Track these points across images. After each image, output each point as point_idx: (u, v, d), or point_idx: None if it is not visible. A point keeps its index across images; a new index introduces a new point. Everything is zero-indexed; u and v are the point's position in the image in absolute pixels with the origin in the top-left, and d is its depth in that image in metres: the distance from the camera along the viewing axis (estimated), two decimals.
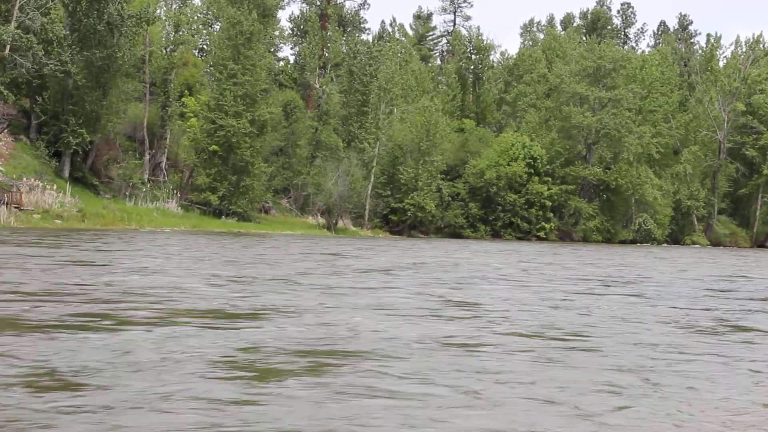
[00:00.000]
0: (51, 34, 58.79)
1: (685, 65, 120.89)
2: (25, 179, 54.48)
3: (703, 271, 35.97)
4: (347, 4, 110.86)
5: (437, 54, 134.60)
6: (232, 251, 35.24)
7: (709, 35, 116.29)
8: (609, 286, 24.04)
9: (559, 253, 50.54)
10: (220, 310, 14.74)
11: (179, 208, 68.58)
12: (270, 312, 14.52)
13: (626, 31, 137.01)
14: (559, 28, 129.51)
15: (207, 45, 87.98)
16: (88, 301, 14.86)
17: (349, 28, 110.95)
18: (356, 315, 14.55)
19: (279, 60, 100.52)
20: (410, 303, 16.92)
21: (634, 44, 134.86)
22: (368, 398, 8.41)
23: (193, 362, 9.72)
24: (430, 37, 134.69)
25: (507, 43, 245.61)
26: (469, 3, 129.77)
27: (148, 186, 70.07)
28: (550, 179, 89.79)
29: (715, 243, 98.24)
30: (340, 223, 79.31)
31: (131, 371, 9.12)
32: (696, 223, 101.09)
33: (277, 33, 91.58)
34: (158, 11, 75.83)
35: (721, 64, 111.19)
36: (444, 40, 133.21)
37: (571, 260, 40.97)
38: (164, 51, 77.19)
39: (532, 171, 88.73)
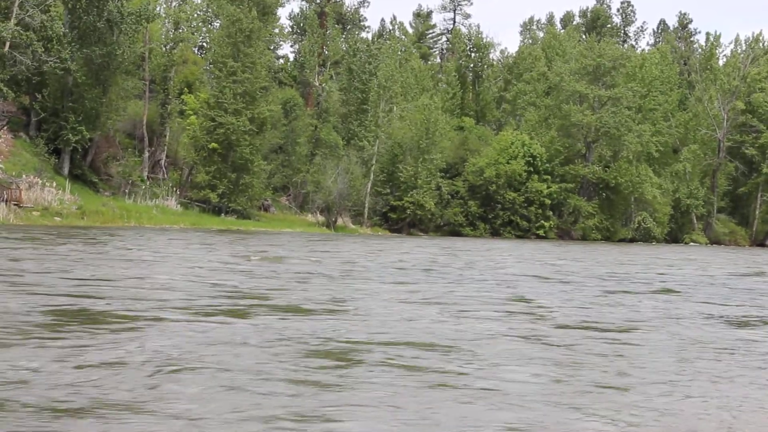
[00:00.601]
0: (51, 32, 58.74)
1: (685, 64, 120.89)
2: (24, 176, 54.49)
3: (731, 269, 36.21)
4: (347, 2, 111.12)
5: (437, 52, 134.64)
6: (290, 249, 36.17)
7: (708, 34, 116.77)
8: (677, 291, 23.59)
9: (582, 252, 50.73)
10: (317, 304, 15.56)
11: (178, 205, 68.61)
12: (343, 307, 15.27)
13: (626, 29, 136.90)
14: (558, 26, 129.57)
15: (207, 43, 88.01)
16: (200, 297, 15.69)
17: (348, 26, 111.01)
18: (431, 310, 15.05)
19: (278, 58, 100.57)
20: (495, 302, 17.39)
21: (633, 43, 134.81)
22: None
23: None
24: (430, 35, 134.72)
25: (507, 41, 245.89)
26: (469, 1, 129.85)
27: (148, 183, 70.12)
28: (549, 177, 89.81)
29: (714, 242, 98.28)
30: (340, 221, 79.37)
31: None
32: (695, 221, 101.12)
33: (276, 31, 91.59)
34: (158, 8, 75.87)
35: (720, 62, 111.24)
36: (444, 38, 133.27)
37: (599, 259, 40.96)
38: (164, 48, 77.18)
39: (532, 169, 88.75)
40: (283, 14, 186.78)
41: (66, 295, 14.76)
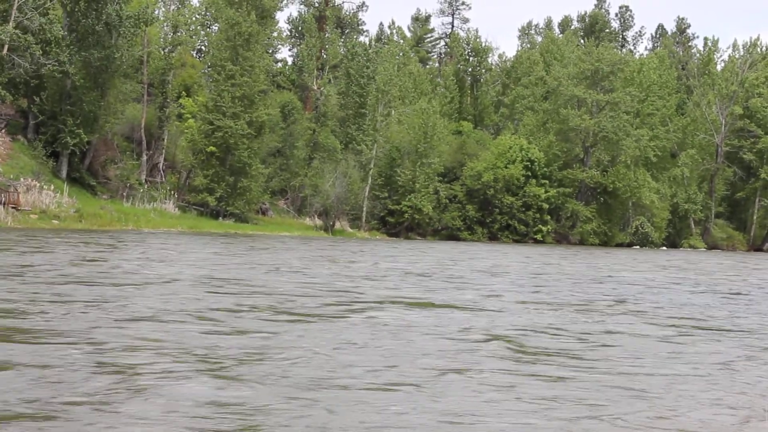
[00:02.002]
0: (49, 35, 58.72)
1: (683, 68, 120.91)
2: (22, 179, 54.40)
3: None
4: (345, 6, 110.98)
5: (435, 56, 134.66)
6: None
7: (706, 39, 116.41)
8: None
9: (624, 258, 51.04)
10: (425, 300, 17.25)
11: (176, 209, 68.57)
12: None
13: (624, 34, 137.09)
14: (557, 30, 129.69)
15: (205, 46, 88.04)
16: (305, 296, 17.02)
17: (347, 30, 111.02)
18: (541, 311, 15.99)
19: (277, 61, 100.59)
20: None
21: (632, 47, 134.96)
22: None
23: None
24: (428, 40, 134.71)
25: (505, 45, 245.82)
26: (468, 5, 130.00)
27: (146, 187, 70.04)
28: (547, 182, 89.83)
29: (712, 246, 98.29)
30: (338, 225, 79.35)
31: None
32: (693, 226, 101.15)
33: (275, 34, 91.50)
34: (157, 12, 75.79)
35: (718, 67, 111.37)
36: (442, 43, 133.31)
37: (653, 265, 41.08)
38: (162, 52, 77.14)
39: (530, 173, 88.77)
40: (282, 18, 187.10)
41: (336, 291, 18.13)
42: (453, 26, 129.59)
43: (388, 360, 10.05)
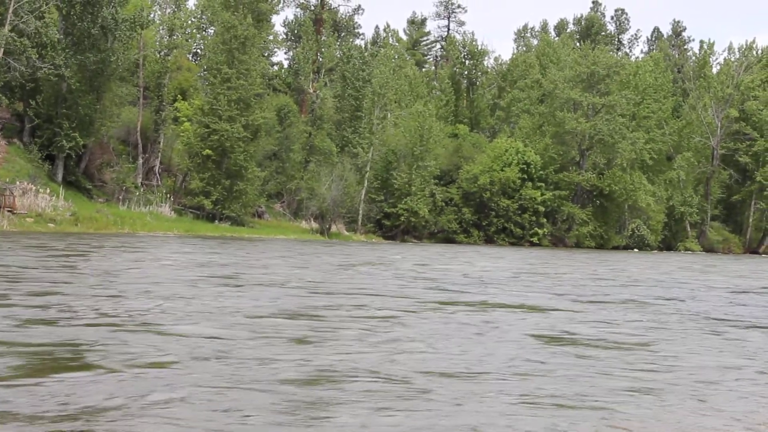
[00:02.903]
0: (45, 38, 58.70)
1: (679, 71, 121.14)
2: (18, 183, 54.32)
3: None
4: (341, 9, 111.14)
5: (431, 59, 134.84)
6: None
7: (702, 42, 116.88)
8: None
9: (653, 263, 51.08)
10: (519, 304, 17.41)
11: (172, 212, 68.51)
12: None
13: (620, 37, 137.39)
14: (552, 33, 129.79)
15: (201, 49, 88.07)
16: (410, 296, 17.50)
17: (343, 33, 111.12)
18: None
19: (273, 65, 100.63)
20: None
21: (627, 50, 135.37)
22: None
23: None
24: (424, 43, 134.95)
25: (501, 48, 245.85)
26: (463, 8, 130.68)
27: (142, 190, 70.03)
28: (543, 185, 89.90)
29: (708, 249, 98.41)
30: (334, 228, 79.32)
31: None
32: (689, 229, 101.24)
33: (271, 38, 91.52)
34: (152, 15, 75.83)
35: (714, 70, 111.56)
36: (438, 46, 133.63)
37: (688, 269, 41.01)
38: (158, 55, 77.13)
39: (526, 176, 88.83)
40: (278, 21, 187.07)
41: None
42: (449, 29, 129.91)
43: None
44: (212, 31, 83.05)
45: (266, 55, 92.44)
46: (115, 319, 11.94)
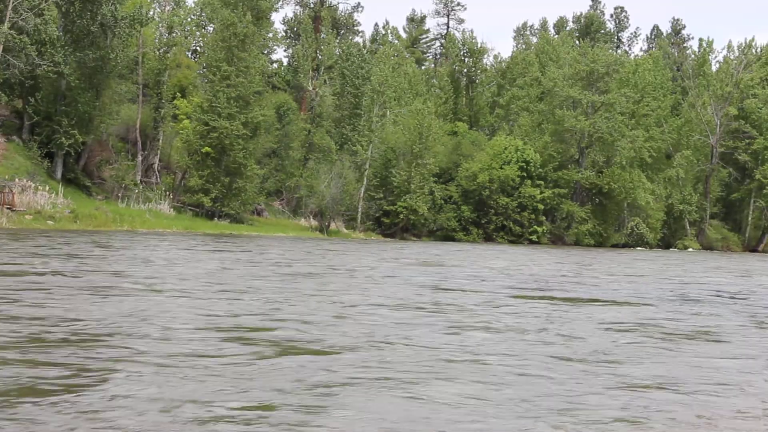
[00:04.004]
0: (44, 35, 58.74)
1: (678, 69, 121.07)
2: (17, 180, 54.34)
3: None
4: (341, 7, 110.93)
5: (430, 57, 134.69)
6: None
7: (701, 40, 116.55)
8: None
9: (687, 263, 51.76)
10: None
11: (171, 209, 68.49)
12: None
13: (619, 35, 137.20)
14: (552, 31, 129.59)
15: (200, 47, 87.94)
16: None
17: (342, 31, 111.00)
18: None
19: (272, 62, 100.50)
20: None
21: (627, 48, 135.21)
22: None
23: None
24: (424, 40, 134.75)
25: (500, 46, 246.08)
26: (463, 6, 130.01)
27: (141, 187, 69.98)
28: (542, 183, 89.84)
29: (707, 247, 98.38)
30: (333, 226, 79.28)
31: None
32: (688, 227, 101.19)
33: (270, 35, 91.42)
34: (152, 13, 75.77)
35: (713, 68, 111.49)
36: (437, 43, 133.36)
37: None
38: (157, 52, 77.08)
39: (525, 174, 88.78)
40: (277, 19, 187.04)
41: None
42: (448, 27, 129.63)
43: None
44: (211, 28, 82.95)
45: (266, 52, 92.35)
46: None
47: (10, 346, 10.12)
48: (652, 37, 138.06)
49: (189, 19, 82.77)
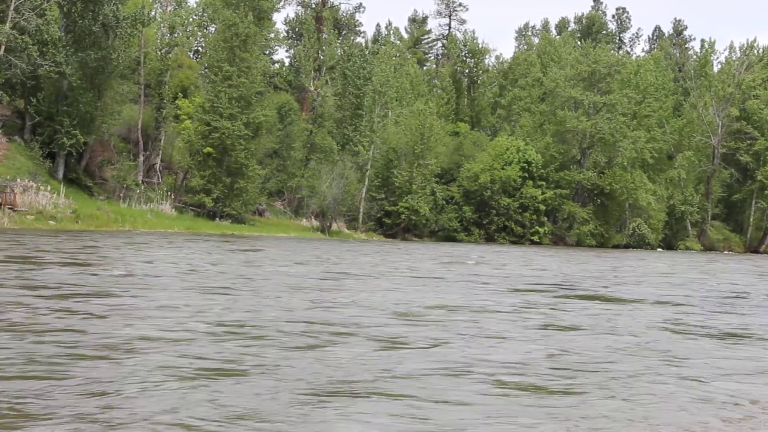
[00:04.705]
0: (46, 35, 58.69)
1: (680, 70, 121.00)
2: (19, 180, 54.35)
3: None
4: (342, 7, 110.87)
5: (432, 57, 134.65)
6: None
7: (703, 40, 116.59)
8: None
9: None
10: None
11: (173, 209, 68.51)
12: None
13: (621, 35, 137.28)
14: (554, 32, 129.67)
15: (202, 47, 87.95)
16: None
17: (344, 31, 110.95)
18: None
19: (274, 62, 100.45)
20: None
21: (628, 49, 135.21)
22: None
23: None
24: (425, 41, 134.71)
25: (502, 47, 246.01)
26: (465, 7, 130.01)
27: (142, 188, 69.95)
28: (544, 183, 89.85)
29: (709, 248, 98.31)
30: (334, 226, 79.28)
31: None
32: (690, 228, 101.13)
33: (272, 35, 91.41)
34: (153, 13, 75.72)
35: (715, 69, 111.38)
36: (439, 44, 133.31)
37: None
38: (159, 53, 77.04)
39: (527, 175, 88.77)
40: (279, 19, 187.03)
41: None
42: (450, 27, 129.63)
43: None
44: (213, 28, 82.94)
45: (267, 53, 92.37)
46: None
47: None
48: (654, 37, 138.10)
49: (191, 20, 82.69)
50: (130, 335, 11.27)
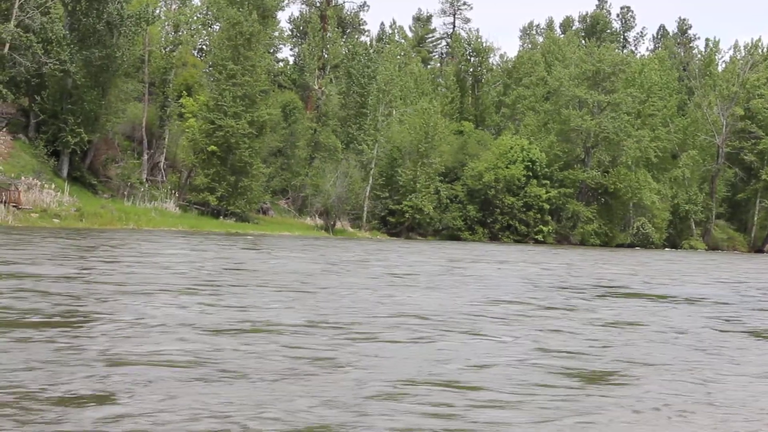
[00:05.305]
0: (50, 33, 58.76)
1: (684, 69, 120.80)
2: (23, 178, 54.43)
3: None
4: (347, 6, 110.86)
5: (436, 56, 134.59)
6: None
7: (707, 40, 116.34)
8: None
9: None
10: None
11: (177, 208, 68.53)
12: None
13: (625, 34, 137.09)
14: (558, 31, 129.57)
15: (206, 45, 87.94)
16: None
17: (348, 30, 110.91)
18: None
19: (278, 61, 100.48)
20: None
21: (633, 48, 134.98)
22: None
23: None
24: (430, 40, 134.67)
25: (506, 45, 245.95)
26: (469, 5, 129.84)
27: (147, 186, 69.96)
28: (548, 182, 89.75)
29: (713, 247, 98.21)
30: (338, 225, 79.30)
31: None
32: (694, 227, 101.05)
33: (276, 34, 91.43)
34: (158, 11, 75.74)
35: (719, 68, 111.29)
36: (443, 43, 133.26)
37: None
38: (163, 51, 77.06)
39: (531, 174, 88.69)
40: (283, 17, 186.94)
41: None
42: (454, 26, 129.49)
43: None
44: (218, 27, 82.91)
45: (272, 51, 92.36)
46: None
47: None
48: (659, 36, 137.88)
49: (195, 18, 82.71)
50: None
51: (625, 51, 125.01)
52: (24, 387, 8.08)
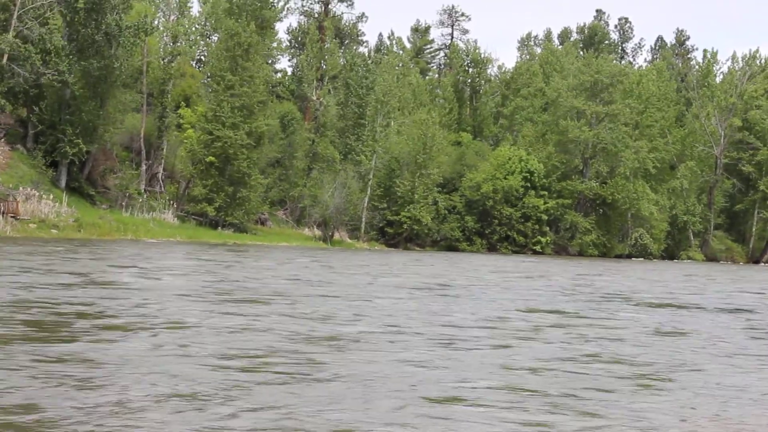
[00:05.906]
0: (49, 44, 58.78)
1: (682, 80, 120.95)
2: (21, 188, 54.36)
3: None
4: (345, 17, 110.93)
5: (435, 67, 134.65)
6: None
7: (705, 51, 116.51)
8: None
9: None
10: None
11: (175, 218, 68.46)
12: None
13: (624, 45, 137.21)
14: (556, 42, 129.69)
15: (205, 56, 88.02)
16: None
17: (346, 41, 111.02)
18: None
19: (276, 72, 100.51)
20: None
21: (631, 59, 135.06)
22: None
23: None
24: (428, 50, 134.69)
25: (504, 56, 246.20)
26: (467, 17, 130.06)
27: (145, 196, 69.92)
28: (546, 193, 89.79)
29: (711, 258, 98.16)
30: (336, 236, 79.25)
31: None
32: (692, 238, 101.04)
33: (274, 45, 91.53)
34: (156, 22, 75.80)
35: (717, 79, 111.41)
36: (441, 54, 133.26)
37: None
38: (162, 62, 77.08)
39: (529, 185, 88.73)
40: (281, 28, 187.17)
41: None
42: (452, 37, 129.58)
43: None
44: (216, 38, 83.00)
45: (270, 62, 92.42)
46: None
47: None
48: (657, 47, 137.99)
49: (193, 29, 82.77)
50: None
51: (623, 62, 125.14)
52: None
